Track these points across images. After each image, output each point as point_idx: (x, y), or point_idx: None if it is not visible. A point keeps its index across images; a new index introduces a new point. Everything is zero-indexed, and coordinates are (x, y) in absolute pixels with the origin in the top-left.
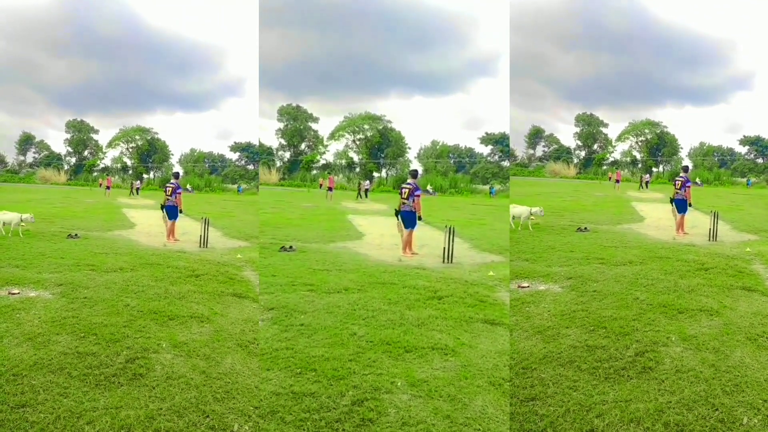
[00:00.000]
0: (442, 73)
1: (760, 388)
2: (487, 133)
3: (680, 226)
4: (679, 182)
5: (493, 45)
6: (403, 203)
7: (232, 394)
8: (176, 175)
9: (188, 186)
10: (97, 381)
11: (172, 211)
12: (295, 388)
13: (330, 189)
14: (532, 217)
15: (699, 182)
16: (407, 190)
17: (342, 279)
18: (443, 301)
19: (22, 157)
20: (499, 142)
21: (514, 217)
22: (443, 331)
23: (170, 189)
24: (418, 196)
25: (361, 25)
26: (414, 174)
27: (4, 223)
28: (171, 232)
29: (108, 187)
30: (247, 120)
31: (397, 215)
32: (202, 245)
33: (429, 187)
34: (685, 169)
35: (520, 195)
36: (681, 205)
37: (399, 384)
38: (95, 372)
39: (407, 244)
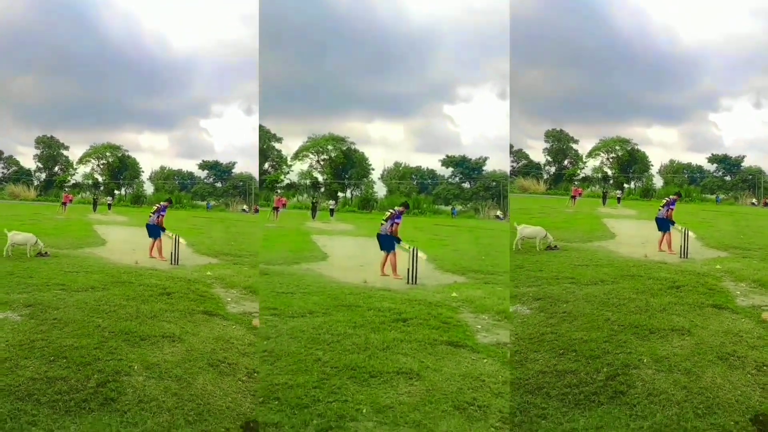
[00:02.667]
0: (401, 96)
1: (732, 410)
2: (447, 156)
3: (660, 242)
4: (665, 201)
5: (452, 68)
6: (382, 224)
7: (204, 417)
8: (169, 201)
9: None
10: (67, 407)
11: (152, 230)
12: (267, 417)
13: (276, 209)
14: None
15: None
16: (389, 214)
17: (306, 302)
18: (408, 323)
19: None
20: (459, 164)
21: (524, 238)
22: (408, 354)
23: (155, 209)
24: (398, 223)
25: (321, 46)
26: (406, 205)
27: (17, 244)
28: (151, 248)
29: (64, 204)
30: (214, 139)
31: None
32: (173, 262)
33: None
34: (678, 194)
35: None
36: (662, 224)
37: (364, 411)
38: (65, 398)
39: (383, 265)
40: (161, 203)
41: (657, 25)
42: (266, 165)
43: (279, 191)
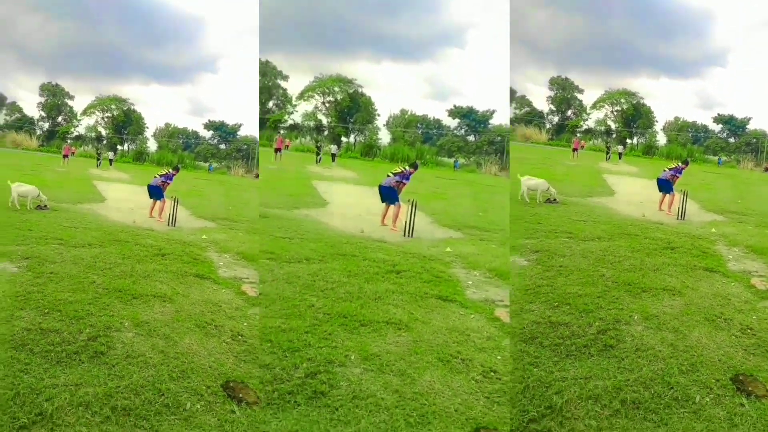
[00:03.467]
0: (411, 39)
1: (714, 368)
2: (455, 106)
3: (660, 203)
4: (673, 166)
5: (465, 11)
6: (388, 175)
7: (187, 374)
8: (177, 168)
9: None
10: (59, 358)
11: (153, 191)
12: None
13: (278, 150)
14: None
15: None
16: (399, 171)
17: (303, 248)
18: (401, 275)
19: None
20: (467, 116)
21: (529, 189)
22: (399, 305)
23: (164, 173)
24: (405, 184)
25: None
26: (414, 165)
27: (19, 196)
28: (152, 209)
29: (65, 156)
30: (221, 98)
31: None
32: (170, 224)
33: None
34: (686, 162)
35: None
36: (664, 185)
37: (352, 358)
38: (57, 349)
39: (384, 216)
40: (170, 170)
41: None
42: (270, 104)
43: (282, 132)
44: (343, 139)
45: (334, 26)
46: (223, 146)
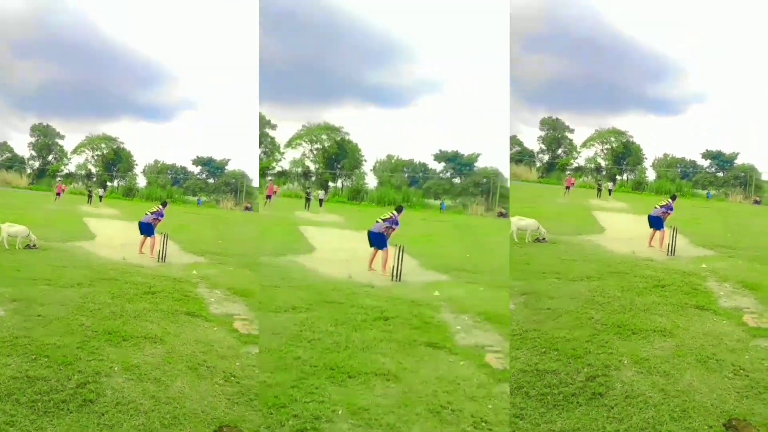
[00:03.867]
0: (393, 87)
1: (707, 413)
2: (441, 150)
3: (651, 239)
4: (664, 203)
5: (448, 60)
6: (377, 221)
7: (179, 420)
8: (164, 204)
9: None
10: (46, 408)
11: (144, 228)
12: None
13: (269, 197)
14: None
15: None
16: (389, 217)
17: (291, 296)
18: (389, 322)
19: None
20: (452, 159)
21: (519, 229)
22: (387, 355)
23: (155, 210)
24: (394, 229)
25: (318, 35)
26: (399, 209)
27: (9, 236)
28: (141, 244)
29: (58, 194)
30: (208, 133)
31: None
32: (160, 260)
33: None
34: (674, 197)
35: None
36: (655, 222)
37: (340, 412)
38: (44, 398)
39: (371, 261)
40: (159, 206)
41: (656, 16)
42: (258, 151)
43: (270, 178)
44: (331, 184)
45: (320, 76)
46: (211, 180)
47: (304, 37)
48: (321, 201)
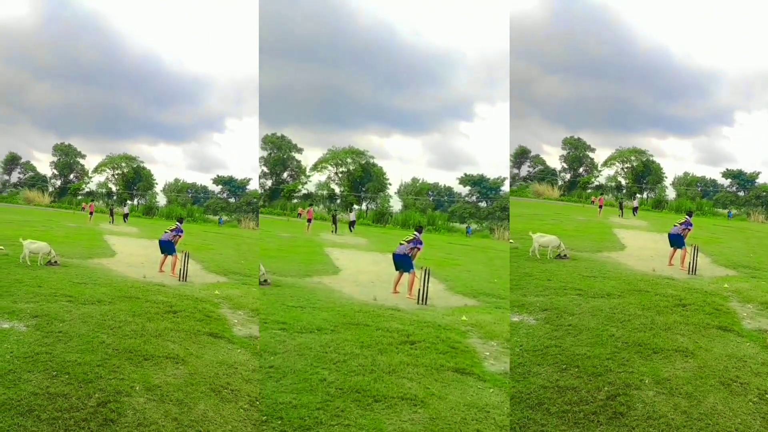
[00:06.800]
0: (417, 111)
1: None
2: (466, 174)
3: (671, 257)
4: (684, 220)
5: (470, 85)
6: (401, 243)
7: None
8: (180, 219)
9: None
10: (66, 426)
11: (165, 246)
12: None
13: (309, 221)
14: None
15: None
16: (411, 238)
17: (315, 318)
18: (416, 346)
19: (6, 177)
20: (477, 183)
21: (540, 246)
22: (414, 379)
23: (174, 227)
24: (419, 249)
25: (340, 58)
26: (419, 229)
27: (31, 252)
28: (162, 263)
29: (91, 213)
30: (230, 153)
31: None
32: (181, 279)
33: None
34: (690, 213)
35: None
36: (675, 240)
37: None
38: (65, 416)
39: (396, 283)
40: (177, 223)
41: (675, 38)
42: (285, 174)
43: (295, 201)
44: (355, 206)
45: (344, 102)
46: (232, 200)
47: (327, 63)
48: (352, 223)
